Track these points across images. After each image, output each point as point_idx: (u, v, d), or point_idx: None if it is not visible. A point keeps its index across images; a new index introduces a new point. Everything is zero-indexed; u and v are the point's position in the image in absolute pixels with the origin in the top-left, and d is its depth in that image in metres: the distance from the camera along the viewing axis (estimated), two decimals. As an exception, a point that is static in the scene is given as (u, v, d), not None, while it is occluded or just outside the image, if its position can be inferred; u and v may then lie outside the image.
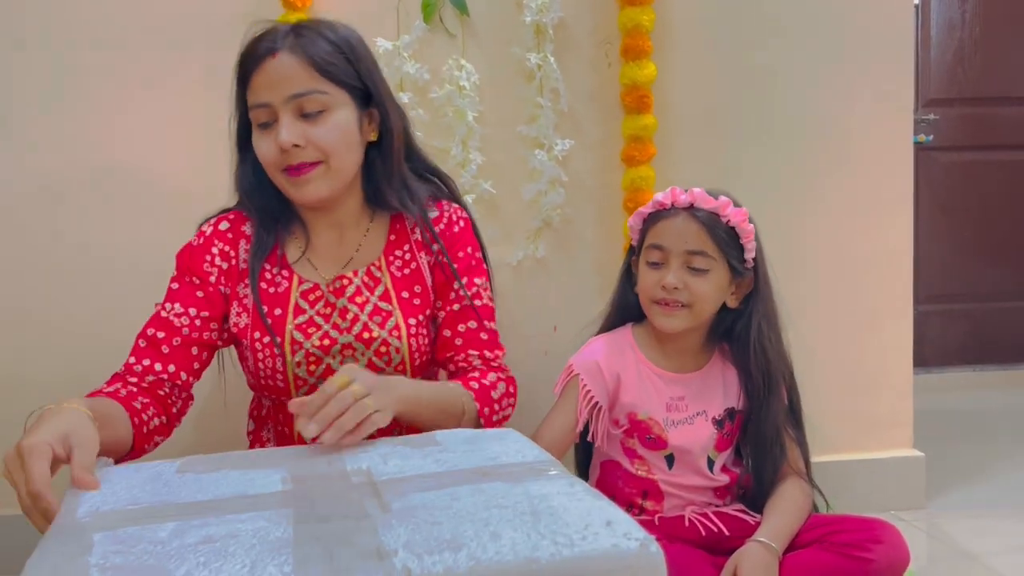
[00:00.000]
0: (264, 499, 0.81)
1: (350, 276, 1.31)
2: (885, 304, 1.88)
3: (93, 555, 0.68)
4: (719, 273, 1.34)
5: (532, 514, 0.72)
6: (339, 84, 1.22)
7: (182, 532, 0.72)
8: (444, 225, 1.35)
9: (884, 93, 1.84)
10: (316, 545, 0.67)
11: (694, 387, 1.40)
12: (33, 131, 1.67)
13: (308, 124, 1.21)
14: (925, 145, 3.24)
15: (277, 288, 1.30)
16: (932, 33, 3.30)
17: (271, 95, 1.20)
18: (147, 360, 1.22)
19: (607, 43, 1.76)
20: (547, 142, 1.72)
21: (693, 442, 1.37)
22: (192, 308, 1.26)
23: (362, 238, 1.34)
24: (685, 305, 1.33)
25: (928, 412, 2.11)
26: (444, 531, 0.69)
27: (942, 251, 3.33)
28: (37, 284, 1.70)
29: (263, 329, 1.26)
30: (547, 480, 0.83)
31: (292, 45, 1.20)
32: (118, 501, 0.82)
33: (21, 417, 0.99)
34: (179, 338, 1.24)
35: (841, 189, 1.85)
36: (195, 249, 1.30)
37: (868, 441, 1.89)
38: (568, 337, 1.80)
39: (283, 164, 1.22)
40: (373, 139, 1.29)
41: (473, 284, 1.34)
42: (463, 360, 1.34)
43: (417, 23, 1.69)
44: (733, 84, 1.81)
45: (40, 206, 1.68)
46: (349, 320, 1.28)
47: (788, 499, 1.34)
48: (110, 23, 1.67)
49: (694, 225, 1.33)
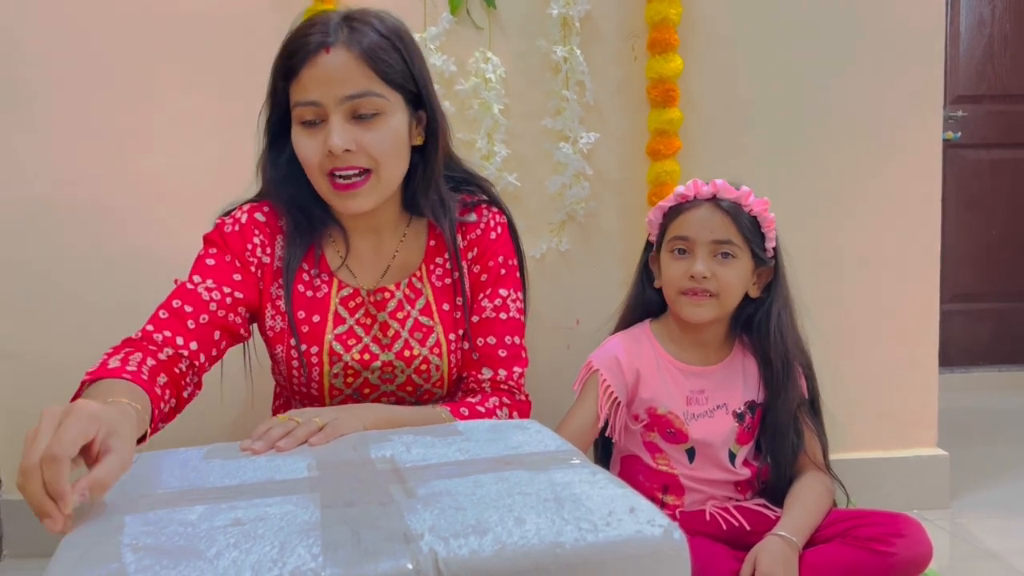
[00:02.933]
0: (291, 484, 0.81)
1: (392, 289, 1.26)
2: (911, 302, 1.87)
3: (125, 535, 0.69)
4: (744, 262, 1.35)
5: (556, 500, 0.73)
6: (394, 86, 1.15)
7: (211, 515, 0.73)
8: (480, 231, 1.29)
9: (913, 90, 1.82)
10: (343, 528, 0.68)
11: (714, 380, 1.40)
12: (66, 132, 1.70)
13: (361, 128, 1.14)
14: (953, 142, 3.21)
15: (316, 292, 1.25)
16: (961, 29, 3.27)
17: (322, 94, 1.12)
18: (168, 331, 1.11)
19: (633, 36, 1.75)
20: (572, 135, 1.73)
21: (714, 435, 1.37)
22: (226, 286, 1.18)
23: (399, 243, 1.29)
24: (713, 295, 1.34)
25: (953, 411, 2.10)
26: (469, 516, 0.69)
27: (968, 249, 3.30)
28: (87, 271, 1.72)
29: (301, 337, 1.22)
30: (569, 468, 0.83)
31: (347, 39, 1.12)
32: (147, 485, 0.83)
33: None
34: (206, 315, 1.15)
35: (869, 186, 1.84)
36: (233, 234, 1.22)
37: (892, 439, 1.88)
38: (591, 331, 1.80)
39: (329, 167, 1.15)
40: (419, 143, 1.23)
41: (498, 295, 1.28)
42: (473, 380, 1.28)
43: (444, 15, 1.70)
44: (760, 79, 1.80)
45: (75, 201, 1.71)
46: (390, 337, 1.24)
47: (808, 493, 1.34)
48: (133, 16, 1.69)
49: (719, 215, 1.34)
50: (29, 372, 1.72)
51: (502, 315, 1.28)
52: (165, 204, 1.71)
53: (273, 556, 0.63)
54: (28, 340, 1.72)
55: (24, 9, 1.66)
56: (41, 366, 1.72)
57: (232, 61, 1.68)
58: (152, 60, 1.68)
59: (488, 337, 1.27)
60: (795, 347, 1.39)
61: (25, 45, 1.67)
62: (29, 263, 1.71)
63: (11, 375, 1.72)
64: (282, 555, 0.63)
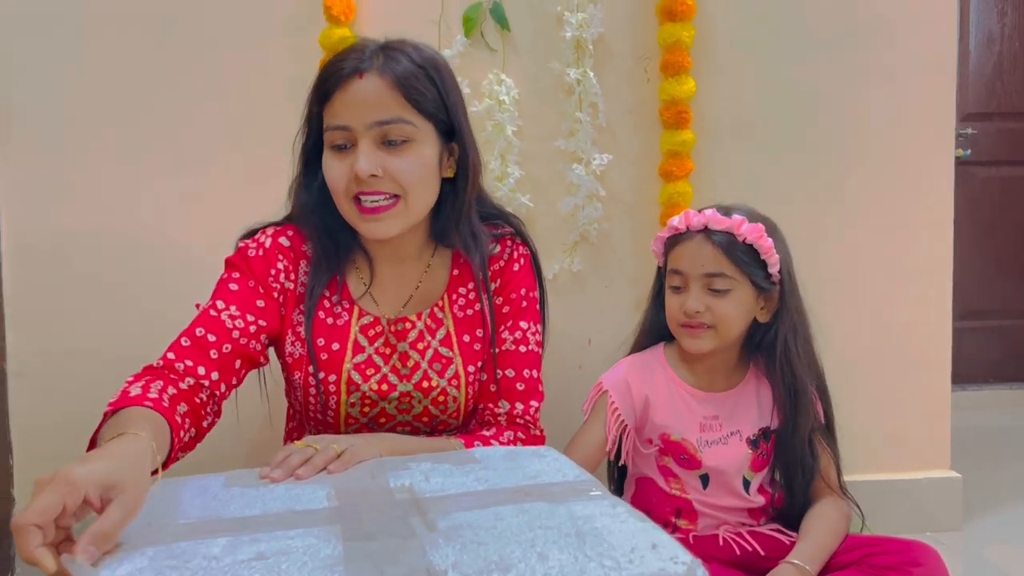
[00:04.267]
0: (311, 515, 0.82)
1: (413, 319, 1.26)
2: (923, 321, 1.87)
3: (148, 570, 0.70)
4: (742, 292, 1.33)
5: (577, 535, 0.73)
6: (426, 115, 1.16)
7: (234, 548, 0.73)
8: (504, 263, 1.29)
9: (925, 108, 1.83)
10: (366, 563, 0.68)
11: (727, 406, 1.39)
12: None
13: (389, 154, 1.14)
14: (963, 160, 3.20)
15: (336, 320, 1.24)
16: (971, 47, 3.27)
17: (353, 118, 1.13)
18: (190, 361, 1.11)
19: (646, 58, 1.76)
20: (585, 156, 1.73)
21: (727, 463, 1.36)
22: (250, 315, 1.18)
23: (423, 273, 1.28)
24: (710, 326, 1.33)
25: (965, 431, 2.09)
26: (491, 552, 0.70)
27: (979, 267, 3.29)
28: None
29: (319, 364, 1.21)
30: (589, 501, 0.83)
31: (381, 66, 1.14)
32: (169, 515, 0.84)
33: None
34: (229, 344, 1.15)
35: (881, 204, 1.84)
36: (257, 259, 1.22)
37: (904, 461, 1.87)
38: (602, 351, 1.81)
39: (354, 191, 1.15)
40: (449, 175, 1.23)
41: (518, 328, 1.28)
42: (490, 413, 1.28)
43: (458, 37, 1.71)
44: (772, 100, 1.80)
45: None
46: (410, 368, 1.24)
47: (823, 519, 1.33)
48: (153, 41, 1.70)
49: (709, 247, 1.32)
50: (43, 391, 1.72)
51: (521, 348, 1.28)
52: (183, 227, 1.71)
53: None
54: (42, 359, 1.73)
55: (44, 38, 1.68)
56: (55, 385, 1.73)
57: (248, 83, 1.69)
58: (169, 86, 1.70)
59: (507, 370, 1.28)
60: (807, 371, 1.37)
61: (44, 85, 1.69)
62: (44, 284, 1.72)
63: (26, 394, 1.73)
64: None
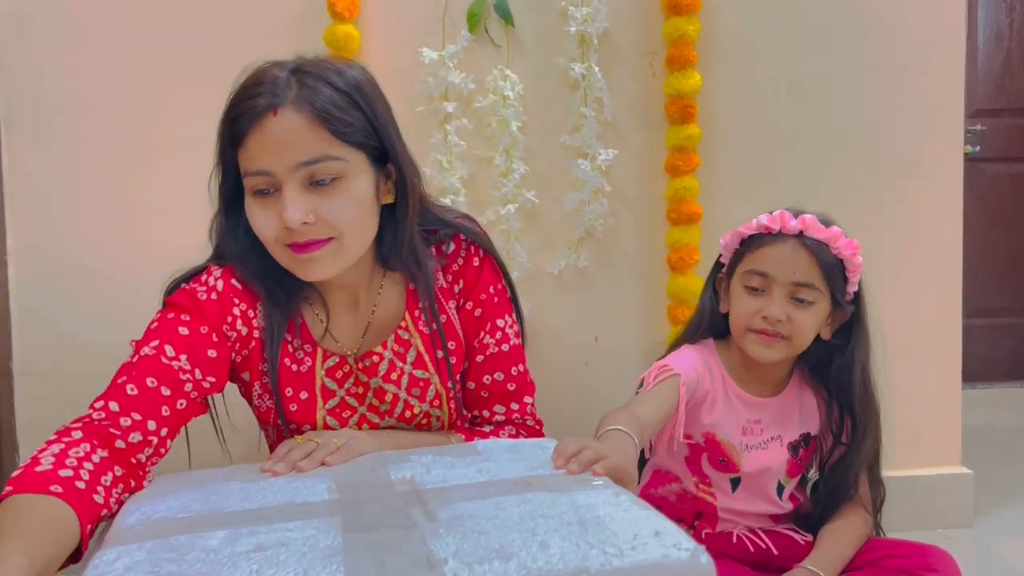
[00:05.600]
0: (312, 507, 0.81)
1: (379, 351, 1.17)
2: (933, 318, 1.85)
3: (147, 562, 0.70)
4: (822, 306, 1.27)
5: (579, 524, 0.72)
6: (355, 146, 1.03)
7: (233, 540, 0.73)
8: (462, 261, 1.20)
9: (934, 104, 1.81)
10: (366, 553, 0.67)
11: (771, 411, 1.34)
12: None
13: (319, 196, 1.02)
14: (972, 156, 3.18)
15: (300, 366, 1.14)
16: (979, 43, 3.25)
17: (273, 162, 1.00)
18: (137, 414, 0.98)
19: (651, 53, 1.75)
20: (590, 152, 1.72)
21: (766, 467, 1.32)
22: (199, 369, 1.05)
23: (376, 296, 1.19)
24: (785, 337, 1.26)
25: (976, 428, 2.07)
26: (492, 540, 0.69)
27: (989, 264, 3.27)
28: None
29: (289, 416, 1.13)
30: (592, 490, 0.83)
31: (296, 98, 1.00)
32: (168, 509, 0.84)
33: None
34: (184, 400, 1.03)
35: (889, 201, 1.82)
36: (211, 302, 1.09)
37: (915, 458, 1.85)
38: (609, 348, 1.80)
39: (286, 240, 1.04)
40: (389, 201, 1.12)
41: (496, 328, 1.21)
42: (487, 419, 1.25)
43: (463, 33, 1.70)
44: (779, 94, 1.79)
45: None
46: (389, 402, 1.17)
47: (847, 529, 1.30)
48: (152, 36, 1.70)
49: (804, 254, 1.24)
50: (49, 390, 1.72)
51: (503, 347, 1.22)
52: (190, 226, 1.71)
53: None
54: (48, 359, 1.73)
55: (49, 47, 1.69)
56: (61, 384, 1.72)
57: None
58: (166, 86, 1.70)
59: (495, 373, 1.22)
60: (873, 398, 1.33)
61: (50, 84, 1.69)
62: (48, 284, 1.72)
63: (32, 392, 1.73)
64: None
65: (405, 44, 1.71)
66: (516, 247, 1.73)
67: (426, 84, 1.70)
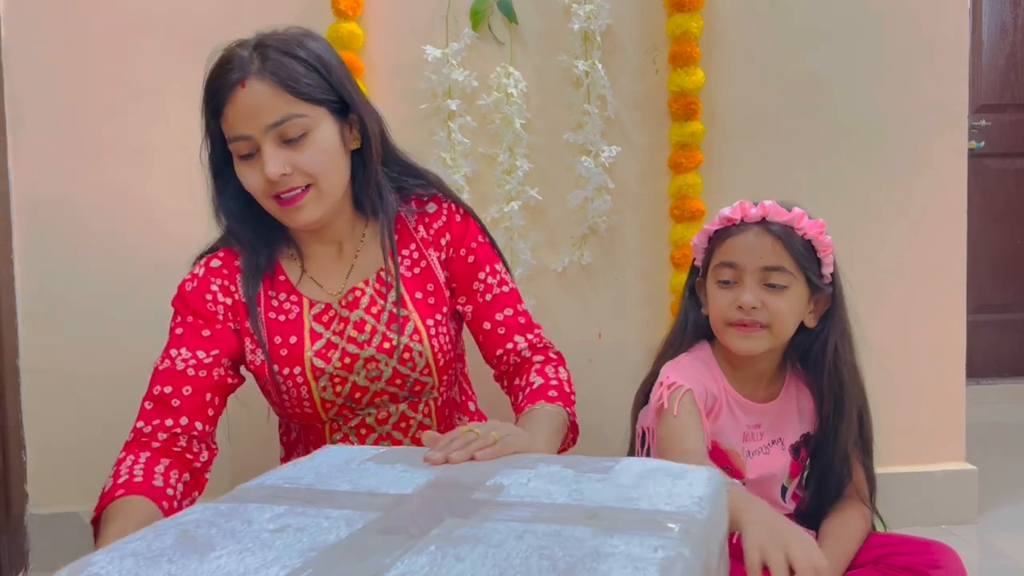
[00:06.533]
0: (378, 499, 0.80)
1: (362, 287, 1.29)
2: (937, 314, 1.85)
3: (186, 515, 0.75)
4: (798, 290, 1.25)
5: (564, 572, 0.63)
6: (315, 102, 1.18)
7: (278, 517, 0.74)
8: (445, 218, 1.34)
9: (937, 100, 1.81)
10: (331, 560, 0.65)
11: (770, 415, 1.33)
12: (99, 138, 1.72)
13: (292, 150, 1.18)
14: (976, 152, 3.18)
15: (288, 315, 1.27)
16: (984, 38, 3.24)
17: (248, 127, 1.16)
18: (156, 420, 1.17)
19: (655, 50, 1.75)
20: (594, 149, 1.73)
21: (769, 472, 1.31)
22: (200, 351, 1.22)
23: (359, 243, 1.32)
24: (764, 326, 1.24)
25: (979, 424, 2.07)
26: (452, 571, 0.64)
27: (993, 259, 3.27)
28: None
29: (281, 362, 1.24)
30: (641, 538, 0.69)
31: (259, 70, 1.16)
32: (285, 479, 0.87)
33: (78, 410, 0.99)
34: (189, 387, 1.20)
35: (893, 197, 1.82)
36: (193, 291, 1.26)
37: (919, 454, 1.86)
38: (613, 345, 1.80)
39: (272, 192, 1.20)
40: (356, 147, 1.26)
41: (494, 271, 1.34)
42: (513, 351, 1.32)
43: (466, 31, 1.71)
44: (782, 90, 1.79)
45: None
46: (368, 332, 1.26)
47: (846, 526, 1.28)
48: (158, 32, 1.71)
49: (768, 239, 1.24)
50: (57, 387, 1.74)
51: (504, 288, 1.34)
52: (195, 223, 1.71)
53: (243, 571, 0.63)
54: (55, 355, 1.74)
55: (55, 45, 1.69)
56: (67, 380, 1.74)
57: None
58: (171, 82, 1.70)
59: (504, 310, 1.33)
60: (851, 382, 1.30)
61: (56, 81, 1.70)
62: (54, 281, 1.73)
63: (39, 389, 1.74)
64: (254, 571, 0.63)
65: (408, 42, 1.71)
66: (520, 244, 1.73)
67: (429, 81, 1.70)
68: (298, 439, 1.36)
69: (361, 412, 1.29)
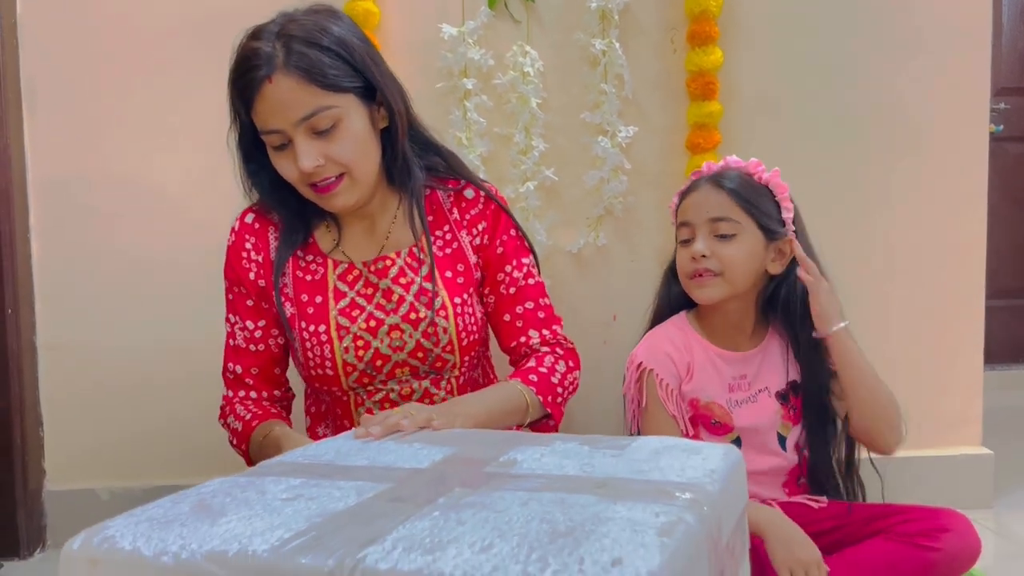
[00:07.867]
0: (392, 472, 0.81)
1: (392, 257, 1.31)
2: (956, 299, 1.84)
3: (206, 487, 0.76)
4: (749, 237, 1.31)
5: (563, 535, 0.62)
6: (342, 90, 1.18)
7: (291, 488, 0.75)
8: (482, 206, 1.35)
9: (958, 83, 1.79)
10: (336, 524, 0.65)
11: (755, 364, 1.37)
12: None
13: (324, 141, 1.19)
14: (996, 135, 3.15)
15: (314, 276, 1.31)
16: (1003, 20, 3.21)
17: (279, 121, 1.17)
18: (242, 392, 1.33)
19: (673, 29, 1.74)
20: (610, 129, 1.71)
21: (760, 420, 1.34)
22: (249, 320, 1.32)
23: (392, 222, 1.34)
24: (717, 274, 1.31)
25: (996, 409, 2.06)
26: (450, 533, 0.63)
27: (1012, 244, 3.24)
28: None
29: (307, 319, 1.28)
30: (645, 505, 0.68)
31: (284, 64, 1.15)
32: (307, 456, 0.89)
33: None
34: (256, 367, 1.33)
35: (913, 180, 1.81)
36: (231, 254, 1.33)
37: (936, 438, 1.85)
38: (628, 326, 1.79)
39: (307, 181, 1.22)
40: (385, 125, 1.27)
41: (521, 264, 1.36)
42: (525, 346, 1.35)
43: (482, 9, 1.69)
44: (801, 71, 1.77)
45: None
46: (395, 301, 1.29)
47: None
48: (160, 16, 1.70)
49: (714, 193, 1.32)
50: (73, 364, 1.75)
51: (530, 280, 1.36)
52: (209, 203, 1.72)
53: (250, 534, 0.64)
54: (71, 333, 1.75)
55: (70, 26, 1.69)
56: (84, 358, 1.75)
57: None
58: (187, 63, 1.70)
59: (526, 303, 1.35)
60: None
61: (72, 63, 1.70)
62: (71, 259, 1.74)
63: (55, 366, 1.75)
64: (259, 534, 0.64)
65: (424, 20, 1.70)
66: (535, 225, 1.72)
67: (445, 60, 1.69)
68: (327, 410, 1.38)
69: (384, 387, 1.30)
